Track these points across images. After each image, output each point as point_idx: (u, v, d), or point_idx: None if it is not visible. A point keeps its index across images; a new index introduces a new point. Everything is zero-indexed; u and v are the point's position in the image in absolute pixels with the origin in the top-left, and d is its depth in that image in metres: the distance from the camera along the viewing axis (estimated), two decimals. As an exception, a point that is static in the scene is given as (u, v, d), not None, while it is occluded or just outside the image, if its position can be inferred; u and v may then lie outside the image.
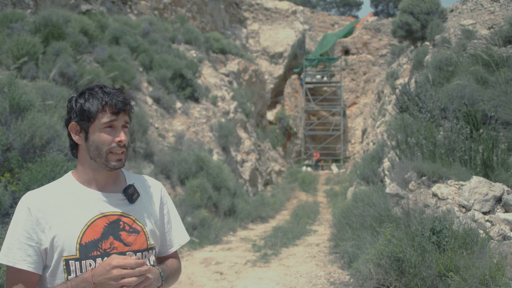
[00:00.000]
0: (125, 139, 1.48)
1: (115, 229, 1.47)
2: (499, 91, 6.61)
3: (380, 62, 26.77)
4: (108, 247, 1.44)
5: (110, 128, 1.47)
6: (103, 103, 1.45)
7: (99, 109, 1.45)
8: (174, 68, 13.58)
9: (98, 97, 1.46)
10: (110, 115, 1.45)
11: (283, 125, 25.75)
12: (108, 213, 1.48)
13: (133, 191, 1.54)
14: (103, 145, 1.46)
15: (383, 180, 7.70)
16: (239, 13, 26.95)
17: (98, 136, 1.46)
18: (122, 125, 1.49)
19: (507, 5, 10.86)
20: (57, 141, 5.47)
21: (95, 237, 1.43)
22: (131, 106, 1.54)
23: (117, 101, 1.47)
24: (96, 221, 1.45)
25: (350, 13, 46.34)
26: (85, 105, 1.46)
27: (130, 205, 1.53)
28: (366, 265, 4.53)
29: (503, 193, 4.47)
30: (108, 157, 1.47)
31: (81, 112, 1.46)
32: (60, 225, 1.42)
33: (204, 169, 10.05)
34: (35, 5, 12.01)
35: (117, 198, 1.52)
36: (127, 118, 1.51)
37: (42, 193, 1.47)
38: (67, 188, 1.49)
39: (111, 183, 1.54)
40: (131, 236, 1.49)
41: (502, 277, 3.22)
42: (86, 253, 1.42)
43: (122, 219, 1.50)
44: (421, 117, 7.21)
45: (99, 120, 1.45)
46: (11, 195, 4.73)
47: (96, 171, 1.50)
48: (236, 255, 7.29)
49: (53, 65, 8.57)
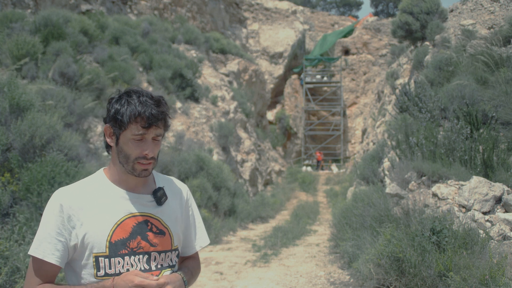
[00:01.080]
0: (152, 153, 1.48)
1: (143, 230, 1.52)
2: (499, 91, 6.61)
3: (380, 62, 26.78)
4: (135, 246, 1.50)
5: (140, 141, 1.47)
6: (136, 114, 1.44)
7: (131, 119, 1.44)
8: (174, 68, 13.58)
9: (132, 106, 1.45)
10: (140, 128, 1.45)
11: (283, 125, 25.75)
12: (137, 213, 1.53)
13: (162, 194, 1.58)
14: (130, 155, 1.48)
15: (383, 180, 7.70)
16: (239, 13, 26.94)
17: (127, 145, 1.48)
18: (153, 137, 1.49)
19: (507, 5, 10.86)
20: (57, 141, 5.46)
21: (124, 236, 1.48)
22: (166, 118, 1.52)
23: (150, 114, 1.44)
24: (126, 221, 1.50)
25: (350, 13, 46.39)
26: (119, 112, 1.46)
27: (158, 207, 1.57)
28: (366, 265, 4.53)
29: (503, 193, 4.47)
30: (135, 166, 1.49)
31: (114, 118, 1.48)
32: (91, 223, 1.46)
33: (204, 169, 10.05)
34: (35, 5, 12.01)
35: (146, 200, 1.56)
36: (159, 131, 1.50)
37: (74, 190, 1.51)
38: (99, 187, 1.53)
39: (141, 185, 1.58)
40: (157, 237, 1.54)
41: (502, 277, 3.22)
42: (115, 251, 1.47)
43: (150, 220, 1.54)
44: (421, 117, 7.20)
45: (130, 130, 1.46)
46: (11, 195, 4.73)
47: (125, 174, 1.54)
48: (236, 255, 7.28)
49: (53, 65, 8.57)
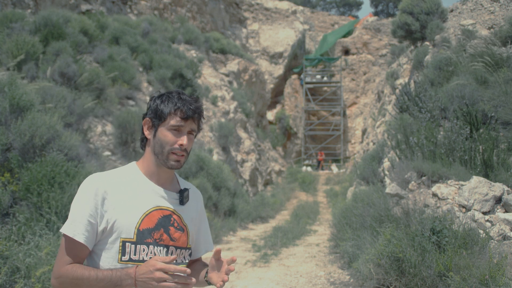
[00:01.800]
0: (186, 144, 1.61)
1: (167, 223, 1.63)
2: (499, 91, 6.61)
3: (380, 62, 26.78)
4: (158, 237, 1.60)
5: (176, 131, 1.61)
6: (176, 107, 1.61)
7: (171, 111, 1.60)
8: (174, 68, 13.57)
9: (173, 101, 1.62)
10: (179, 119, 1.60)
11: (283, 125, 25.75)
12: (164, 207, 1.64)
13: (187, 194, 1.72)
14: (167, 144, 1.60)
15: (383, 180, 7.70)
16: (239, 13, 26.95)
17: (164, 135, 1.61)
18: (188, 131, 1.64)
19: (507, 5, 10.86)
20: (57, 141, 5.46)
21: (150, 226, 1.59)
22: (202, 116, 1.68)
23: (188, 108, 1.61)
24: (153, 212, 1.61)
25: (350, 13, 46.40)
26: (160, 105, 1.62)
27: (180, 206, 1.70)
28: (366, 265, 4.53)
29: (503, 193, 4.47)
30: (169, 156, 1.61)
31: (155, 110, 1.63)
32: (122, 209, 1.56)
33: (204, 169, 10.04)
34: (35, 5, 12.01)
35: (171, 197, 1.68)
36: (194, 126, 1.65)
37: (109, 177, 1.61)
38: (132, 177, 1.65)
39: (168, 182, 1.71)
40: (177, 232, 1.66)
41: (502, 277, 3.22)
42: (142, 238, 1.57)
43: (173, 215, 1.66)
44: (421, 117, 7.20)
45: (169, 121, 1.61)
46: (10, 195, 4.72)
47: (157, 167, 1.65)
48: (236, 255, 7.28)
49: (53, 65, 8.56)
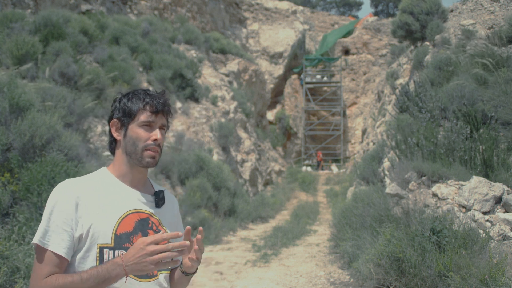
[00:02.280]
0: (160, 138, 1.57)
1: (144, 226, 1.56)
2: (499, 91, 6.61)
3: (380, 62, 26.78)
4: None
5: (148, 127, 1.57)
6: (145, 102, 1.57)
7: (140, 107, 1.57)
8: (174, 68, 13.57)
9: (140, 97, 1.59)
10: (149, 114, 1.57)
11: (283, 125, 25.75)
12: (140, 210, 1.58)
13: (162, 197, 1.66)
14: (139, 141, 1.56)
15: (383, 180, 7.70)
16: (239, 13, 26.94)
17: (136, 132, 1.56)
18: (160, 126, 1.60)
19: (507, 5, 10.86)
20: (57, 141, 5.46)
21: (127, 230, 1.52)
22: (170, 110, 1.65)
23: (157, 102, 1.58)
24: (130, 215, 1.54)
25: (350, 13, 46.39)
26: (128, 103, 1.59)
27: (156, 209, 1.63)
28: (366, 265, 4.53)
29: (503, 193, 4.47)
30: (143, 153, 1.56)
31: (123, 109, 1.59)
32: (97, 213, 1.49)
33: (204, 169, 10.04)
34: (35, 5, 12.00)
35: (147, 199, 1.62)
36: (165, 121, 1.62)
37: (80, 182, 1.54)
38: (104, 181, 1.58)
39: (142, 184, 1.65)
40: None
41: (502, 277, 3.22)
42: (120, 243, 1.49)
43: (151, 218, 1.59)
44: (421, 117, 7.20)
45: (138, 117, 1.57)
46: (10, 195, 4.72)
47: (130, 167, 1.60)
48: (236, 255, 7.28)
49: (53, 65, 8.56)
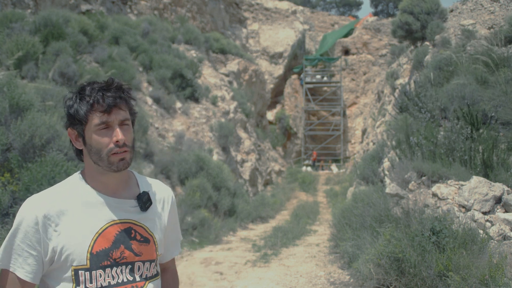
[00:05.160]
0: (122, 138, 1.33)
1: (126, 238, 1.38)
2: (499, 91, 6.61)
3: (380, 62, 26.78)
4: (119, 256, 1.37)
5: (106, 129, 1.33)
6: (91, 102, 1.31)
7: (88, 109, 1.31)
8: (174, 68, 13.58)
9: (84, 97, 1.32)
10: (101, 115, 1.31)
11: (283, 125, 25.75)
12: (120, 220, 1.39)
13: (147, 199, 1.45)
14: (101, 148, 1.33)
15: (383, 180, 7.70)
16: (239, 13, 26.94)
17: (94, 139, 1.33)
18: (119, 123, 1.35)
19: (507, 5, 10.86)
20: (57, 141, 5.46)
21: (106, 246, 1.35)
22: (128, 99, 1.39)
23: (106, 97, 1.32)
24: (108, 229, 1.36)
25: (350, 13, 46.39)
26: (74, 107, 1.34)
27: (142, 213, 1.44)
28: (366, 265, 4.53)
29: (503, 193, 4.47)
30: (110, 159, 1.33)
31: (71, 116, 1.35)
32: (69, 233, 1.31)
33: (204, 169, 10.05)
34: (35, 5, 12.00)
35: (129, 205, 1.42)
36: (124, 114, 1.36)
37: (49, 197, 1.34)
38: (77, 192, 1.37)
39: (122, 188, 1.44)
40: (142, 245, 1.42)
41: (502, 277, 3.22)
42: (97, 262, 1.33)
43: (133, 227, 1.41)
44: (421, 117, 7.21)
45: (91, 122, 1.32)
46: (10, 195, 4.72)
47: (103, 175, 1.39)
48: (236, 255, 7.28)
49: (53, 65, 8.57)
